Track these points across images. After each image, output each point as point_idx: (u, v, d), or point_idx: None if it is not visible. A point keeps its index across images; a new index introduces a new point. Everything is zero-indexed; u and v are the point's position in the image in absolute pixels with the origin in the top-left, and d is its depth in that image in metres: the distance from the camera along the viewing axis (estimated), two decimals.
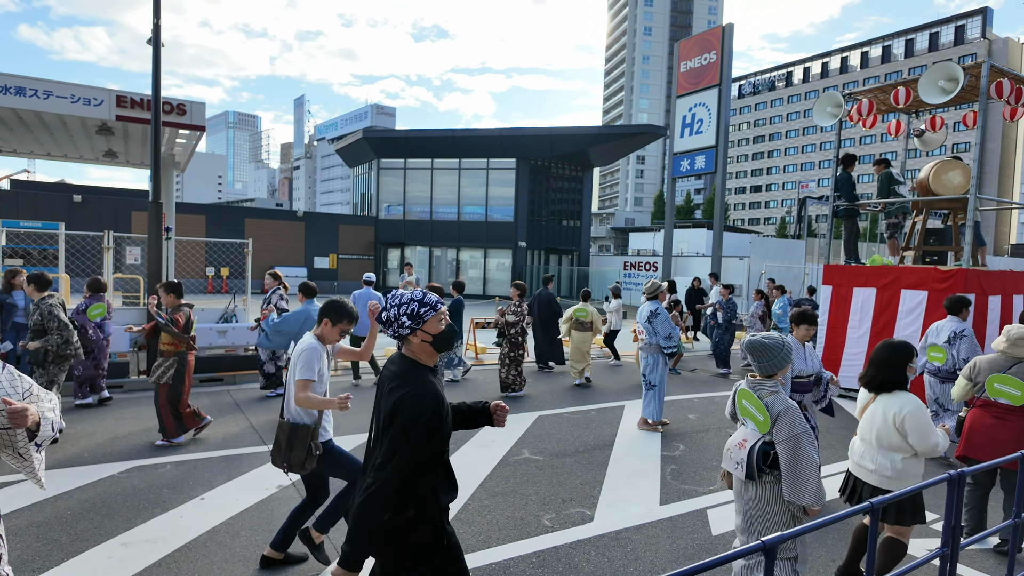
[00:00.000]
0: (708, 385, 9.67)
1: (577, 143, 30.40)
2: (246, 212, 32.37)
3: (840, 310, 8.94)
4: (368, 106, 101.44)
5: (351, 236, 32.16)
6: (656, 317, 6.90)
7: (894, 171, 9.27)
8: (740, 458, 2.96)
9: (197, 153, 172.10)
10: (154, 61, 8.51)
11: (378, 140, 32.07)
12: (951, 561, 2.39)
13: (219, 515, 4.16)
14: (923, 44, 73.47)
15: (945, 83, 7.84)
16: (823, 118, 9.46)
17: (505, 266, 30.58)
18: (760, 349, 2.94)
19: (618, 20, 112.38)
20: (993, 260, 27.61)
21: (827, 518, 1.90)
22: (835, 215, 9.74)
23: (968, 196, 7.86)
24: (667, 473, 5.44)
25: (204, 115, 10.69)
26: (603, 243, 63.07)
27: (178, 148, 12.37)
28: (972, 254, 7.91)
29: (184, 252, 22.18)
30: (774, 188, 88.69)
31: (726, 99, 18.09)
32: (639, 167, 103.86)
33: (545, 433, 6.57)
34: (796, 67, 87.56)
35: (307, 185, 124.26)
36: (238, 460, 5.32)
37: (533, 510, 4.48)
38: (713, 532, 4.24)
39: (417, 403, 2.04)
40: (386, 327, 2.23)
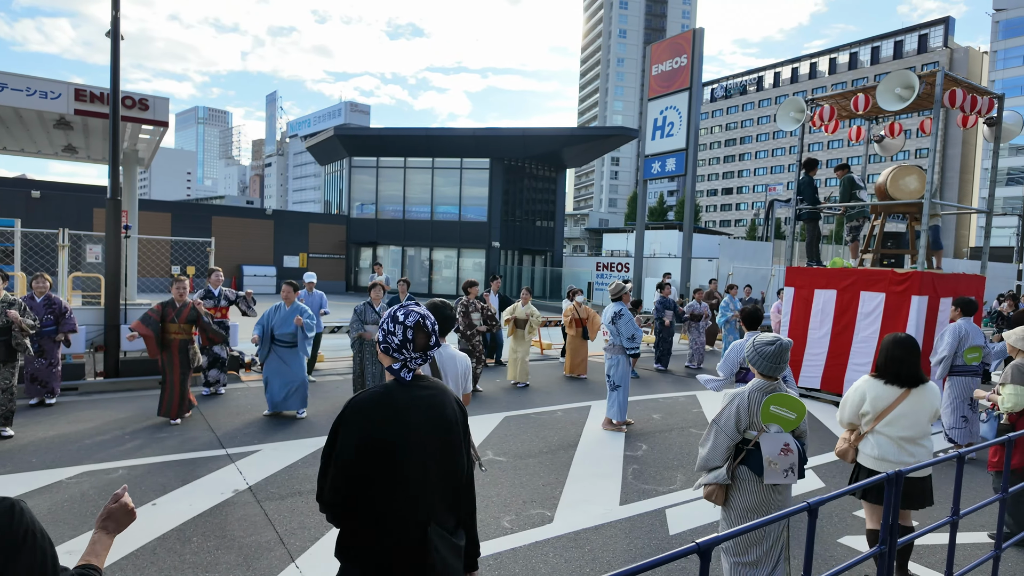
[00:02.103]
0: (673, 385, 9.78)
1: (551, 144, 30.50)
2: (213, 210, 31.77)
3: (802, 311, 9.12)
4: (342, 103, 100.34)
5: (322, 235, 31.77)
6: (620, 318, 6.96)
7: (855, 176, 9.50)
8: (791, 463, 2.90)
9: (165, 149, 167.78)
10: (112, 54, 8.29)
11: (350, 138, 31.75)
12: (888, 560, 2.45)
13: (170, 521, 4.07)
14: (888, 52, 75.43)
15: (902, 91, 8.05)
16: (786, 123, 9.65)
17: (479, 266, 30.53)
18: (785, 351, 2.98)
19: (593, 22, 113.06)
20: (952, 263, 28.45)
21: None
22: (798, 218, 9.93)
23: (923, 200, 8.08)
24: (629, 473, 5.48)
25: (168, 110, 10.45)
26: (577, 244, 63.44)
27: (141, 144, 12.08)
28: (927, 257, 8.14)
29: (148, 251, 21.67)
30: (745, 190, 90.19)
31: (696, 103, 18.31)
32: (614, 168, 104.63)
33: (511, 434, 6.57)
34: (767, 72, 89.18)
35: (279, 183, 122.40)
36: (194, 464, 5.21)
37: (493, 512, 4.47)
38: (670, 532, 4.29)
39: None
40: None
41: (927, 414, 3.39)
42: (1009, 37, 59.90)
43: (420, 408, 1.87)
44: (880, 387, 3.43)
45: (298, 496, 4.59)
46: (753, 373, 3.11)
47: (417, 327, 1.89)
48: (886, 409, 3.39)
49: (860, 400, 3.50)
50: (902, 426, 3.36)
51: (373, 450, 1.80)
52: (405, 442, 1.82)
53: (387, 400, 1.86)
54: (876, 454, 3.43)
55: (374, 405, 1.85)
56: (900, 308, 7.92)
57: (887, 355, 3.43)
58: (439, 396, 1.94)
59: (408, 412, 1.85)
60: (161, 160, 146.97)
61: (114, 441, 5.74)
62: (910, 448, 3.38)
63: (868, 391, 3.47)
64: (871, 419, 3.45)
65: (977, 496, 5.04)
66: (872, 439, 3.46)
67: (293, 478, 4.96)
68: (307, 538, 3.92)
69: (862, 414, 3.50)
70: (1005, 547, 3.29)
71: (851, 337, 8.42)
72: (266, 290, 28.18)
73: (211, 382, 7.80)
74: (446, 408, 1.93)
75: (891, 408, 3.38)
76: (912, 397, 3.37)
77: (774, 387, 3.00)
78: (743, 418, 2.98)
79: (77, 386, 7.72)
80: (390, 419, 1.82)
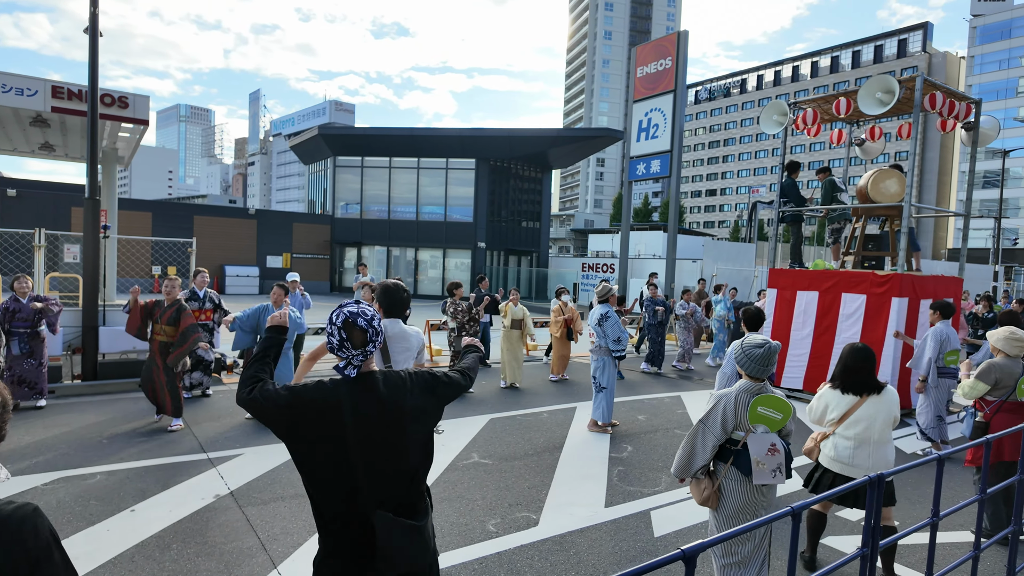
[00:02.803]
0: (659, 386, 9.82)
1: (536, 145, 30.53)
2: (195, 209, 31.33)
3: (784, 312, 9.21)
4: (327, 102, 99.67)
5: (306, 235, 31.50)
6: (606, 320, 6.97)
7: (836, 179, 9.62)
8: (778, 463, 2.93)
9: (146, 147, 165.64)
10: (91, 51, 8.14)
11: (334, 137, 31.53)
12: (871, 561, 2.47)
13: (150, 527, 4.00)
14: (869, 56, 76.55)
15: (882, 95, 8.16)
16: (769, 126, 9.74)
17: (464, 266, 30.47)
18: (773, 354, 3.04)
19: (579, 24, 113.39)
20: (931, 264, 28.92)
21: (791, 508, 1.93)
22: (781, 220, 10.03)
23: (903, 204, 8.20)
24: (614, 475, 5.49)
25: (148, 108, 10.30)
26: (563, 244, 63.52)
27: (121, 142, 11.88)
28: (907, 259, 8.26)
29: (129, 251, 21.34)
30: (729, 192, 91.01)
31: (681, 105, 18.42)
32: (599, 169, 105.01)
33: (496, 436, 6.55)
34: (750, 75, 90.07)
35: (262, 182, 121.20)
36: (175, 469, 5.13)
37: (478, 515, 4.45)
38: (656, 534, 4.30)
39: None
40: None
41: (884, 419, 3.51)
42: (986, 42, 61.12)
43: (364, 404, 1.91)
44: (838, 395, 3.62)
45: (281, 501, 4.53)
46: (740, 374, 3.14)
47: (347, 325, 1.92)
48: (844, 414, 3.57)
49: (823, 408, 3.70)
50: (858, 430, 3.53)
51: (305, 440, 1.88)
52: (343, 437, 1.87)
53: (329, 396, 1.89)
54: (832, 455, 3.62)
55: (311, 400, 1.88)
56: (881, 310, 8.02)
57: (843, 365, 3.61)
58: (389, 392, 1.96)
59: (347, 410, 1.88)
60: (142, 158, 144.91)
61: (92, 446, 5.63)
62: (865, 450, 3.51)
63: (829, 400, 3.67)
64: (833, 422, 3.64)
65: (957, 494, 5.12)
66: (831, 440, 3.65)
67: (276, 483, 4.90)
68: (290, 544, 3.87)
69: (827, 420, 3.68)
70: (984, 547, 3.34)
71: (833, 338, 8.51)
72: (249, 291, 27.89)
73: (193, 385, 7.69)
74: (396, 402, 1.96)
75: (849, 413, 3.55)
76: (869, 403, 3.52)
77: (761, 388, 3.02)
78: (730, 419, 3.01)
79: (54, 389, 7.56)
80: (325, 415, 1.87)
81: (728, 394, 3.06)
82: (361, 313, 1.94)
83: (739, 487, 3.00)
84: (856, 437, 3.52)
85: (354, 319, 1.92)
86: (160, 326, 6.39)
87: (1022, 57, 58.86)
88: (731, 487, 3.02)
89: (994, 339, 4.46)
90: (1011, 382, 4.31)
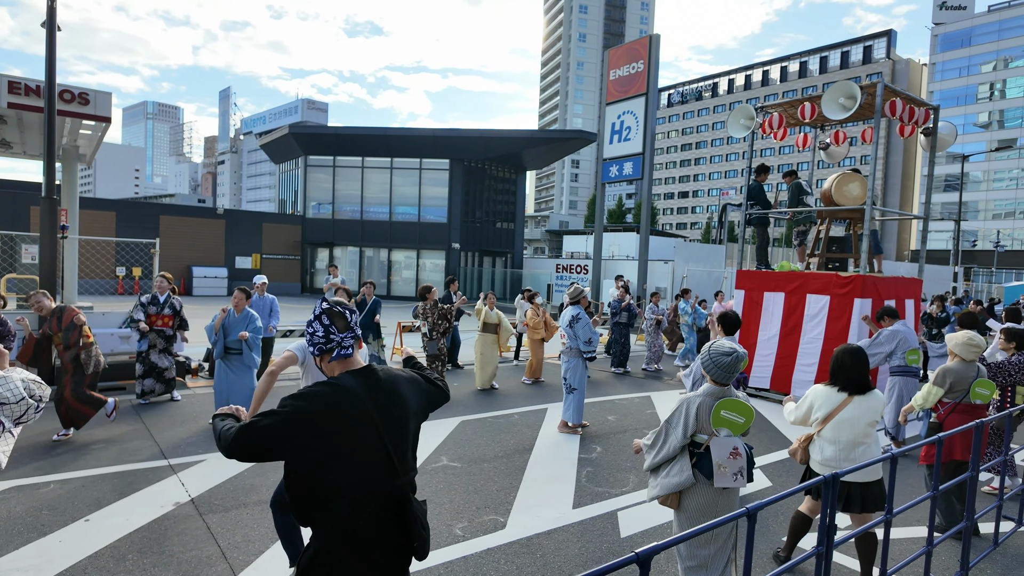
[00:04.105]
0: (628, 387, 9.89)
1: (510, 146, 30.53)
2: (162, 209, 30.58)
3: (752, 313, 9.36)
4: (299, 100, 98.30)
5: (276, 235, 31.01)
6: (577, 322, 7.01)
7: (803, 182, 9.81)
8: (739, 467, 2.97)
9: (111, 145, 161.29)
10: (48, 46, 7.90)
11: (306, 136, 31.11)
12: (826, 560, 2.51)
13: (105, 537, 3.88)
14: (835, 62, 78.36)
15: (845, 100, 8.35)
16: (737, 129, 9.89)
17: (439, 267, 30.32)
18: (740, 362, 3.06)
19: (553, 25, 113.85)
20: (894, 265, 29.71)
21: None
22: (748, 223, 10.19)
23: (865, 207, 8.40)
24: (582, 476, 5.51)
25: (110, 105, 10.04)
26: (538, 245, 63.71)
27: (82, 140, 11.56)
28: (868, 261, 8.46)
29: (91, 251, 20.76)
30: (700, 194, 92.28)
31: (652, 108, 18.61)
32: (574, 171, 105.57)
33: (466, 439, 6.52)
34: (721, 79, 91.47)
35: (232, 181, 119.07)
36: (133, 476, 4.99)
37: (446, 519, 4.42)
38: (622, 534, 4.32)
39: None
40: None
41: (869, 420, 3.52)
42: (946, 50, 63.03)
43: (376, 392, 2.00)
44: (829, 393, 3.60)
45: (243, 508, 4.44)
46: (705, 378, 3.17)
47: (329, 313, 2.08)
48: (830, 413, 3.54)
49: (808, 408, 3.69)
50: (844, 431, 3.51)
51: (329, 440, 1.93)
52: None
53: (344, 390, 1.96)
54: (820, 459, 3.60)
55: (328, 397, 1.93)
56: (844, 310, 8.20)
57: (839, 363, 3.60)
58: (391, 383, 2.07)
59: (367, 398, 1.97)
60: (107, 156, 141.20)
61: (45, 453, 5.46)
62: (853, 453, 3.51)
63: (815, 399, 3.65)
64: (819, 422, 3.61)
65: (915, 491, 5.26)
66: (818, 443, 3.62)
67: (239, 489, 4.80)
68: (251, 551, 3.79)
69: (812, 420, 3.67)
70: (938, 543, 3.43)
71: (798, 338, 8.67)
72: (217, 292, 27.36)
73: (146, 391, 7.49)
74: (400, 392, 2.09)
75: (835, 413, 3.53)
76: (855, 403, 3.52)
77: (725, 392, 3.06)
78: (691, 423, 3.04)
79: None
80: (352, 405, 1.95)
81: (692, 398, 3.09)
82: (336, 303, 2.13)
83: (700, 489, 3.03)
84: (841, 440, 3.51)
85: (332, 306, 2.10)
86: (58, 336, 6.06)
87: (981, 65, 60.84)
88: (694, 489, 3.05)
89: (952, 343, 4.58)
90: (965, 385, 4.43)
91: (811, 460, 3.67)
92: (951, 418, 4.44)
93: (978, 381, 4.41)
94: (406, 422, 2.06)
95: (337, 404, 1.91)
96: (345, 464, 1.90)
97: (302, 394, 1.92)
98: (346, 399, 1.92)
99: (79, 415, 5.95)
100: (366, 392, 1.97)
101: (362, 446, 1.92)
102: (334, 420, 1.89)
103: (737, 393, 3.13)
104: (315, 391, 1.92)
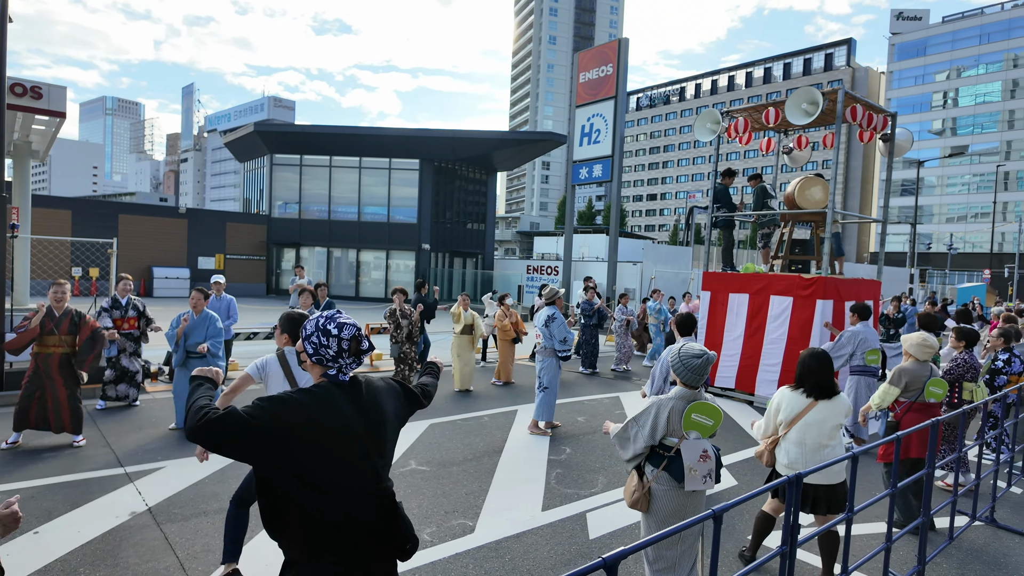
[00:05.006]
0: (599, 387, 9.95)
1: (481, 147, 30.47)
2: (121, 208, 29.65)
3: (717, 314, 9.50)
4: (265, 98, 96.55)
5: (240, 235, 30.34)
6: (553, 322, 7.11)
7: (767, 185, 10.01)
8: (709, 469, 2.98)
9: (68, 141, 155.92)
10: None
11: (271, 135, 30.53)
12: (790, 559, 2.55)
13: (55, 550, 3.72)
14: (799, 68, 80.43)
15: (808, 106, 8.54)
16: (703, 133, 10.04)
17: (408, 268, 30.07)
18: (709, 364, 3.09)
19: (524, 27, 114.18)
20: (854, 267, 30.55)
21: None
22: (714, 225, 10.35)
23: (827, 210, 8.60)
24: (552, 478, 5.50)
25: (65, 100, 9.70)
26: (509, 246, 63.73)
27: (35, 135, 11.14)
28: (830, 263, 8.67)
29: (44, 251, 20.01)
30: (668, 196, 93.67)
31: (621, 111, 18.80)
32: (544, 172, 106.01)
33: (435, 442, 6.46)
34: (688, 83, 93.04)
35: (196, 179, 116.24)
36: (86, 485, 4.80)
37: (414, 525, 4.35)
38: (591, 536, 4.33)
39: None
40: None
41: (834, 423, 3.59)
42: (903, 59, 65.21)
43: (359, 405, 1.97)
44: (794, 396, 3.65)
45: (203, 516, 4.31)
46: (675, 381, 3.19)
47: (354, 339, 2.00)
48: (796, 417, 3.60)
49: (776, 410, 3.73)
50: (810, 434, 3.56)
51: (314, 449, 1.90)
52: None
53: (328, 401, 1.92)
54: (786, 461, 3.64)
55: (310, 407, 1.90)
56: (806, 311, 8.38)
57: (804, 367, 3.64)
58: (372, 395, 2.04)
59: (350, 410, 1.94)
60: (63, 152, 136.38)
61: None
62: (817, 455, 3.57)
63: (782, 401, 3.69)
64: (784, 424, 3.66)
65: (874, 487, 5.39)
66: (783, 446, 3.66)
67: (199, 496, 4.66)
68: (211, 561, 3.68)
69: (777, 423, 3.71)
70: (895, 539, 3.51)
71: (762, 339, 8.83)
72: (179, 293, 26.64)
73: (119, 397, 7.25)
74: (380, 404, 2.06)
75: (800, 416, 3.58)
76: (820, 407, 3.57)
77: (696, 396, 3.08)
78: (661, 427, 3.04)
79: None
80: (334, 417, 1.91)
81: (664, 401, 3.09)
82: (358, 326, 2.05)
83: (670, 492, 3.04)
84: (806, 443, 3.55)
85: (359, 333, 2.03)
86: (58, 337, 5.84)
87: (936, 74, 63.11)
88: (661, 492, 3.06)
89: (907, 344, 4.71)
90: (919, 385, 4.57)
91: (777, 463, 3.72)
92: (907, 417, 4.56)
93: (932, 380, 4.55)
94: (387, 433, 2.04)
95: (319, 415, 1.86)
96: (326, 477, 1.85)
97: (282, 400, 1.85)
98: (328, 411, 1.88)
99: (61, 423, 5.79)
100: (350, 405, 1.93)
101: (344, 457, 1.88)
102: (315, 434, 1.83)
103: (706, 395, 3.16)
104: (298, 401, 1.86)
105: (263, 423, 1.79)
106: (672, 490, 3.04)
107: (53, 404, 5.75)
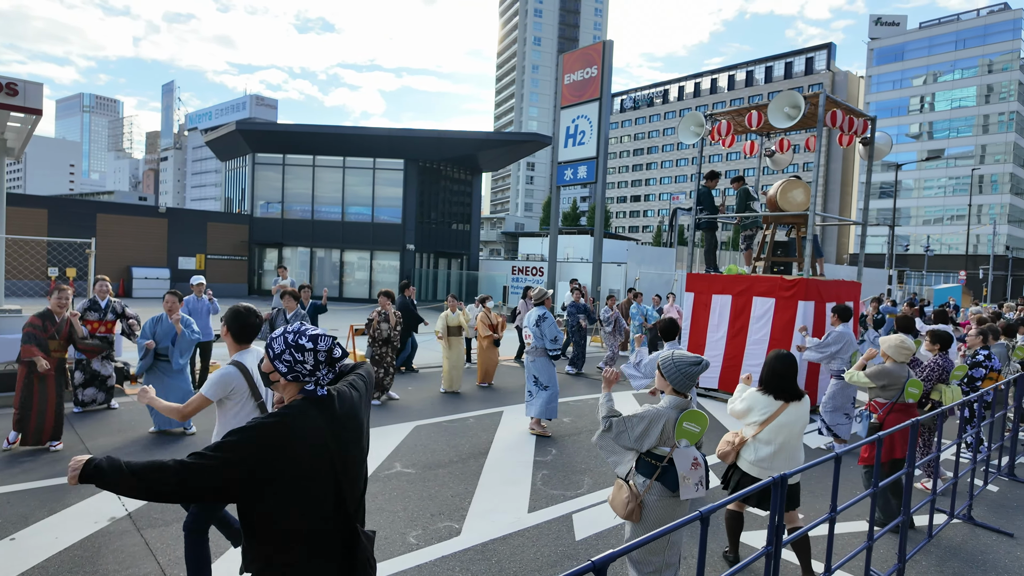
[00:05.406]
0: (585, 388, 9.97)
1: (466, 147, 30.42)
2: (99, 207, 29.13)
3: (701, 315, 9.58)
4: (247, 96, 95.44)
5: (222, 235, 29.97)
6: (543, 321, 7.18)
7: (750, 187, 10.11)
8: (700, 476, 3.02)
9: (45, 139, 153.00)
10: None
11: (253, 133, 30.21)
12: (775, 559, 2.57)
13: (31, 557, 3.64)
14: (780, 72, 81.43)
15: (790, 110, 8.65)
16: (687, 136, 10.12)
17: (393, 269, 29.92)
18: (703, 370, 3.11)
19: (509, 28, 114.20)
20: (834, 268, 31.00)
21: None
22: (697, 227, 10.43)
23: (808, 213, 8.72)
24: (538, 479, 5.50)
25: (42, 96, 9.48)
26: (494, 247, 63.67)
27: (10, 132, 10.87)
28: (812, 264, 8.79)
29: (20, 251, 19.60)
30: (652, 198, 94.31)
31: (606, 112, 18.87)
32: (529, 173, 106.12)
33: (420, 444, 6.43)
34: (672, 86, 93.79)
35: (176, 178, 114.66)
36: (65, 490, 4.70)
37: (399, 528, 4.34)
38: (577, 537, 4.33)
39: None
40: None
41: (802, 424, 3.68)
42: (882, 64, 66.30)
43: (334, 421, 1.93)
44: (764, 399, 3.70)
45: None
46: (663, 389, 3.20)
47: (329, 351, 1.93)
48: (768, 419, 3.65)
49: (747, 410, 3.76)
50: (782, 434, 3.64)
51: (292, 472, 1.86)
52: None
53: (306, 419, 1.87)
54: (753, 459, 3.70)
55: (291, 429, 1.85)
56: (788, 312, 8.48)
57: (770, 369, 3.70)
58: (347, 408, 1.99)
59: (327, 429, 1.89)
60: (39, 150, 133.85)
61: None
62: (784, 455, 3.65)
63: (754, 403, 3.73)
64: (756, 425, 3.70)
65: (855, 486, 5.47)
66: (752, 445, 3.72)
67: None
68: None
69: (750, 423, 3.75)
70: (877, 538, 3.57)
71: (745, 340, 8.92)
72: (158, 294, 26.08)
73: (86, 401, 7.10)
74: (356, 416, 2.02)
75: (772, 418, 3.64)
76: (790, 409, 3.65)
77: (687, 404, 3.11)
78: (654, 436, 3.03)
79: None
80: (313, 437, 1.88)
81: (660, 412, 3.07)
82: (331, 335, 1.99)
83: (662, 502, 3.06)
84: (776, 442, 3.62)
85: (335, 341, 1.97)
86: (58, 342, 5.83)
87: (913, 78, 64.24)
88: (653, 502, 3.06)
89: (885, 346, 4.79)
90: (900, 385, 4.65)
91: (740, 459, 3.77)
92: (890, 418, 4.63)
93: (910, 381, 4.63)
94: (362, 443, 2.04)
95: (296, 438, 1.82)
96: (301, 501, 1.82)
97: (257, 427, 1.81)
98: (309, 435, 1.84)
99: (42, 433, 5.72)
100: (327, 421, 1.89)
101: (318, 480, 1.85)
102: (290, 457, 1.80)
103: (695, 401, 3.20)
104: (270, 427, 1.81)
105: (242, 472, 1.75)
106: (663, 499, 3.05)
107: (40, 413, 5.69)
